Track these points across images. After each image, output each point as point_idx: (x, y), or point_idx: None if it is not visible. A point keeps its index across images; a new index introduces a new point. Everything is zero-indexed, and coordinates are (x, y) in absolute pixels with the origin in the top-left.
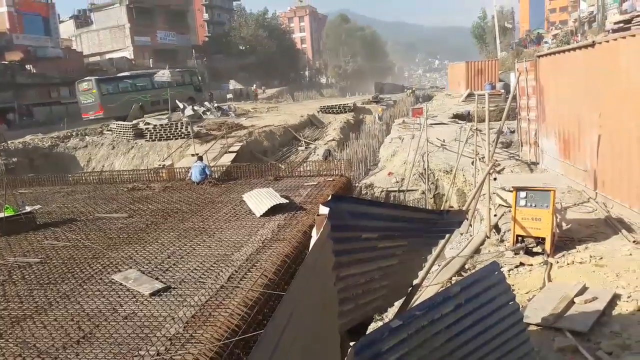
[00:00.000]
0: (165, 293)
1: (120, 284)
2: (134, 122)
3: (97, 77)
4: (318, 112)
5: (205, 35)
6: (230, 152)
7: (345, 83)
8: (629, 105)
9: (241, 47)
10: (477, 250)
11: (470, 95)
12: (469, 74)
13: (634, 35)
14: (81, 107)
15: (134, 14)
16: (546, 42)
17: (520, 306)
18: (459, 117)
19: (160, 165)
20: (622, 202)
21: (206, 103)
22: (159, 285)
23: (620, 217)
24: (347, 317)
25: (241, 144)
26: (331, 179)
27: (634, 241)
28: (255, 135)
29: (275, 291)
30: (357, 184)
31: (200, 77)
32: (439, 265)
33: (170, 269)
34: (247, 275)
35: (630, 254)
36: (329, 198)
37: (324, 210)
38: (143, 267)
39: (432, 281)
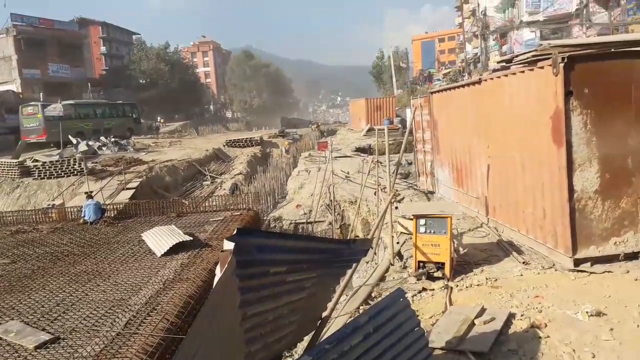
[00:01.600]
0: (53, 345)
1: (0, 338)
2: (20, 159)
3: (42, 102)
4: (224, 145)
5: (103, 68)
6: (128, 188)
7: (251, 117)
8: (512, 137)
9: (141, 81)
10: (382, 278)
11: (370, 129)
12: (368, 110)
13: (514, 73)
14: (23, 131)
15: (22, 45)
16: (438, 80)
17: (425, 331)
18: (361, 150)
19: (49, 205)
20: (511, 226)
21: (102, 138)
22: (45, 337)
23: (511, 240)
24: (255, 358)
25: (140, 179)
26: (238, 213)
27: (523, 262)
28: (157, 170)
29: (178, 335)
30: (265, 217)
31: (138, 110)
32: (346, 295)
33: (60, 317)
34: (147, 320)
35: (521, 275)
36: (235, 232)
37: (228, 245)
38: (27, 317)
39: (340, 312)
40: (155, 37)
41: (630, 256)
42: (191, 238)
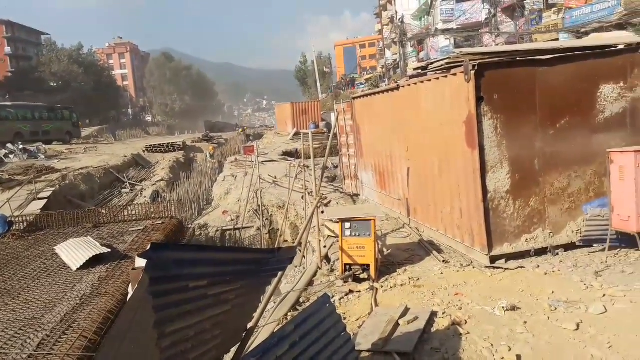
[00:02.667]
0: None
1: None
2: None
3: None
4: (144, 151)
5: (8, 70)
6: (39, 198)
7: (173, 121)
8: (429, 141)
9: (52, 84)
10: (310, 282)
11: (297, 133)
12: (294, 114)
13: (430, 80)
14: None
15: None
16: (362, 84)
17: (352, 334)
18: (288, 154)
19: None
20: (431, 226)
21: (9, 145)
22: None
23: (431, 239)
24: None
25: (53, 189)
26: (160, 222)
27: (443, 261)
28: (71, 179)
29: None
30: (190, 225)
31: (77, 115)
32: (274, 303)
33: None
34: (62, 339)
35: (442, 273)
36: (148, 247)
37: (140, 262)
38: None
39: (268, 319)
40: (66, 38)
41: (540, 251)
42: (109, 250)
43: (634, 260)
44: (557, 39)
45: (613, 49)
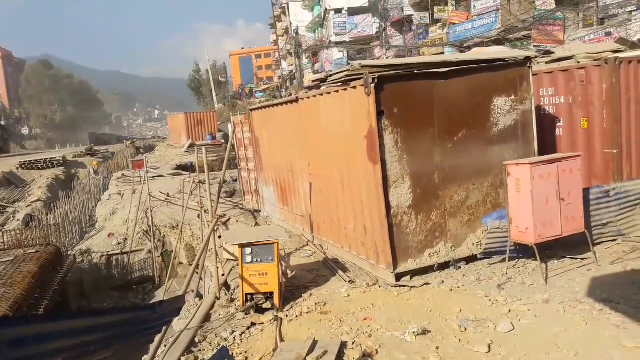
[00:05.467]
0: None
1: None
2: None
3: None
4: (18, 168)
5: None
6: None
7: (53, 134)
8: (331, 155)
9: None
10: (207, 316)
11: (192, 145)
12: (189, 125)
13: (329, 93)
14: None
15: None
16: (260, 93)
17: None
18: (182, 168)
19: None
20: (335, 243)
21: None
22: None
23: (336, 257)
24: None
25: None
26: (34, 251)
27: (349, 281)
28: None
29: None
30: (69, 252)
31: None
32: (165, 346)
33: None
34: None
35: (349, 295)
36: None
37: None
38: None
39: None
40: None
41: (443, 265)
42: None
43: (532, 270)
44: (443, 53)
45: (504, 62)
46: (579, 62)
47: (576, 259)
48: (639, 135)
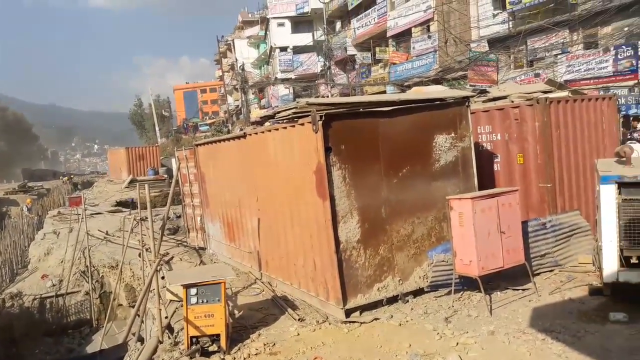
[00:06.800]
0: None
1: None
2: None
3: None
4: None
5: None
6: None
7: None
8: (280, 190)
9: None
10: None
11: (133, 181)
12: (130, 160)
13: (277, 129)
14: None
15: None
16: (206, 126)
17: None
18: (123, 204)
19: None
20: (284, 280)
21: None
22: None
23: (285, 294)
24: None
25: None
26: None
27: (299, 319)
28: None
29: None
30: None
31: None
32: None
33: None
34: None
35: (298, 334)
36: None
37: None
38: None
39: None
40: None
41: (392, 299)
42: None
43: (477, 302)
44: (385, 91)
45: (444, 102)
46: (513, 102)
47: (518, 289)
48: (570, 170)
